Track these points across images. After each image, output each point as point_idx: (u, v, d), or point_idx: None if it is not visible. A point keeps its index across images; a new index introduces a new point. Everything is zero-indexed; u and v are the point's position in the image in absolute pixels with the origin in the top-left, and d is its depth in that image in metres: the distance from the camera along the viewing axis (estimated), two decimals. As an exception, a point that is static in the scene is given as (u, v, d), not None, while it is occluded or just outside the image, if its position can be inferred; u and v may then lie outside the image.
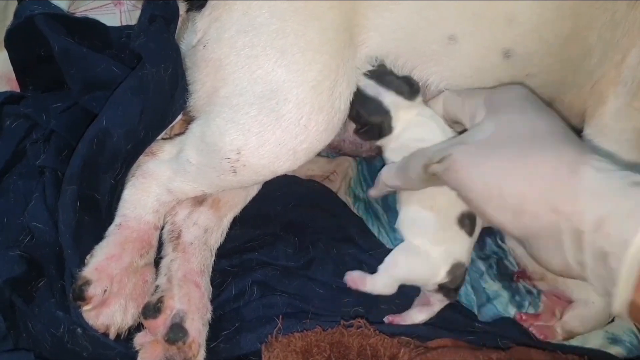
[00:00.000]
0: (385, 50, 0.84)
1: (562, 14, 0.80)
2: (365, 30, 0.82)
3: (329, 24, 0.79)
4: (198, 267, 0.83)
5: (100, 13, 0.98)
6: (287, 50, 0.77)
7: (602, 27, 0.82)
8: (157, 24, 0.85)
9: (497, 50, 0.82)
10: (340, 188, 1.10)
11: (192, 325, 0.76)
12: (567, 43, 0.82)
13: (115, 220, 0.81)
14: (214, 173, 0.81)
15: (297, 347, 0.74)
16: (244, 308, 0.83)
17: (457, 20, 0.81)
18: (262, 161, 0.79)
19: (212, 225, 0.88)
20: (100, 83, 0.85)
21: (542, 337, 0.85)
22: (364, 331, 0.77)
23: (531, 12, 0.80)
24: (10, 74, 0.94)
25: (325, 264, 0.90)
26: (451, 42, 0.82)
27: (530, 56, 0.83)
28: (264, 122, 0.77)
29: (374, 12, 0.81)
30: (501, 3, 0.80)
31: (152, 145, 0.85)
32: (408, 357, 0.74)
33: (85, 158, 0.78)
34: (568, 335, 0.86)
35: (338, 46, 0.80)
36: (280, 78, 0.77)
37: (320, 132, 0.79)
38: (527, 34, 0.81)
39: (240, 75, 0.78)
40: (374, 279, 0.82)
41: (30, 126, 0.87)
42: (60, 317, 0.73)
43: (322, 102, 0.78)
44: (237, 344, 0.79)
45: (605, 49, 0.83)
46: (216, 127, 0.79)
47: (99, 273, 0.74)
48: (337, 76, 0.80)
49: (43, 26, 0.85)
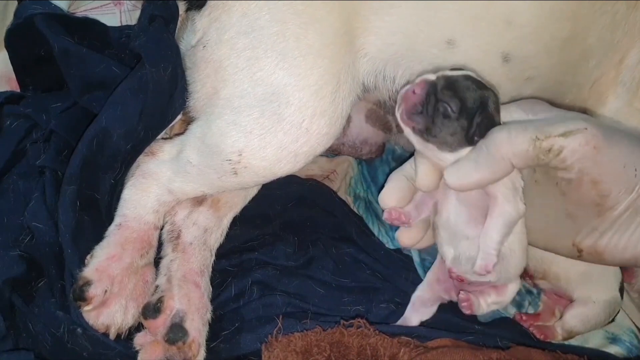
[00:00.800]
0: (385, 55, 0.84)
1: (561, 16, 0.80)
2: (366, 34, 0.82)
3: (329, 27, 0.79)
4: (198, 267, 0.83)
5: (100, 13, 0.98)
6: (288, 54, 0.77)
7: (603, 29, 0.81)
8: (157, 24, 0.85)
9: (496, 53, 0.82)
10: (340, 188, 1.10)
11: (191, 325, 0.76)
12: (566, 45, 0.82)
13: (115, 220, 0.81)
14: (214, 174, 0.81)
15: (297, 347, 0.74)
16: (244, 308, 0.83)
17: (456, 23, 0.81)
18: (263, 163, 0.79)
19: (211, 225, 0.88)
20: (100, 83, 0.85)
21: (542, 337, 0.85)
22: (364, 331, 0.77)
23: (530, 14, 0.80)
24: (10, 74, 0.94)
25: (325, 263, 0.90)
26: (450, 46, 0.82)
27: (530, 59, 0.82)
28: (266, 125, 0.77)
29: (375, 15, 0.81)
30: (500, 5, 0.79)
31: (151, 145, 0.85)
32: (408, 357, 0.74)
33: (85, 158, 0.78)
34: (568, 335, 0.86)
35: (338, 50, 0.80)
36: (282, 81, 0.77)
37: (322, 136, 0.80)
38: (526, 37, 0.81)
39: (241, 76, 0.79)
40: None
41: (30, 126, 0.87)
42: (60, 317, 0.73)
43: (324, 107, 0.79)
44: (237, 344, 0.79)
45: (605, 50, 0.83)
46: (217, 129, 0.79)
47: (100, 273, 0.74)
48: (339, 82, 0.80)
49: (43, 26, 0.85)
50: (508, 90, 0.86)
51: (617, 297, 0.87)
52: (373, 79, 0.86)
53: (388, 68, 0.85)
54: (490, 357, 0.74)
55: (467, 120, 0.70)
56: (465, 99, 0.70)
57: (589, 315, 0.85)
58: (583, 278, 0.85)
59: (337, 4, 0.80)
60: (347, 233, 0.96)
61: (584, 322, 0.85)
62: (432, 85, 0.71)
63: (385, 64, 0.84)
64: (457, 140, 0.70)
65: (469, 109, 0.70)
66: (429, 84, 0.72)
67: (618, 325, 0.91)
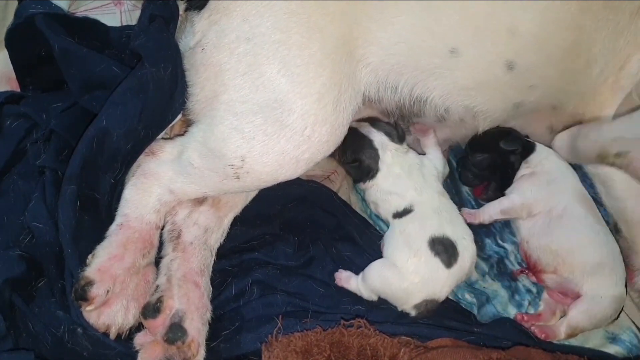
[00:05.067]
0: (387, 65, 0.84)
1: (564, 25, 0.80)
2: (367, 44, 0.82)
3: (330, 36, 0.79)
4: (198, 266, 0.83)
5: (100, 13, 0.98)
6: (290, 62, 0.78)
7: (606, 38, 0.82)
8: (157, 23, 0.85)
9: (500, 62, 0.82)
10: (341, 187, 1.10)
11: (191, 325, 0.76)
12: (569, 54, 0.82)
13: (117, 220, 0.81)
14: (216, 177, 0.81)
15: (297, 347, 0.74)
16: (244, 308, 0.83)
17: (459, 33, 0.81)
18: (266, 169, 0.80)
19: (212, 225, 0.88)
20: (100, 83, 0.85)
21: (544, 337, 0.85)
22: (364, 331, 0.77)
23: (533, 23, 0.80)
24: (10, 73, 0.94)
25: (325, 262, 0.90)
26: (453, 55, 0.82)
27: (533, 67, 0.83)
28: (268, 132, 0.78)
29: (377, 24, 0.81)
30: (503, 15, 0.80)
31: (152, 145, 0.85)
32: (408, 357, 0.74)
33: (85, 158, 0.78)
34: (572, 332, 0.86)
35: (340, 60, 0.80)
36: (284, 88, 0.78)
37: (323, 143, 0.81)
38: (530, 46, 0.81)
39: (241, 82, 0.79)
40: (358, 282, 0.85)
41: (30, 126, 0.87)
42: (60, 317, 0.74)
43: (326, 115, 0.79)
44: (237, 343, 0.79)
45: (608, 58, 0.83)
46: (220, 134, 0.79)
47: (102, 273, 0.74)
48: (341, 91, 0.81)
49: (43, 26, 0.85)
50: (511, 97, 0.86)
51: (624, 293, 0.87)
52: (376, 89, 0.86)
53: (390, 78, 0.85)
54: (490, 357, 0.74)
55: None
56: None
57: (596, 310, 0.85)
58: (596, 270, 0.86)
59: (338, 14, 0.80)
60: (348, 233, 0.96)
61: (590, 318, 0.85)
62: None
63: (388, 73, 0.85)
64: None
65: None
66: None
67: (618, 325, 0.91)
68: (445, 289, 0.81)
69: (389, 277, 0.82)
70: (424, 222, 0.84)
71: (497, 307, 0.92)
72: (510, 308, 0.92)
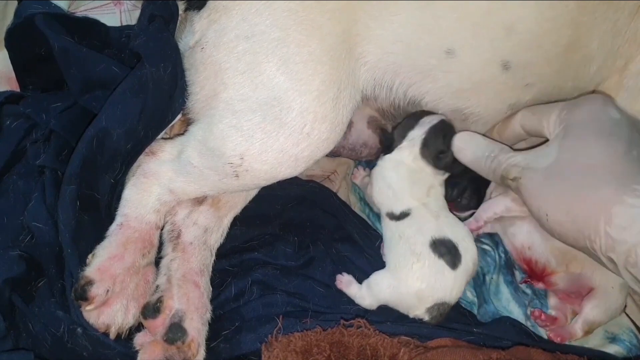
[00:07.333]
0: (384, 64, 0.84)
1: (561, 23, 0.80)
2: (365, 42, 0.82)
3: (329, 34, 0.79)
4: (197, 266, 0.83)
5: (100, 13, 0.98)
6: (289, 59, 0.78)
7: (604, 35, 0.82)
8: (157, 23, 0.85)
9: (496, 61, 0.82)
10: (341, 188, 1.10)
11: (191, 325, 0.76)
12: (566, 52, 0.82)
13: (117, 220, 0.81)
14: (216, 176, 0.81)
15: (297, 347, 0.74)
16: (244, 308, 0.83)
17: (456, 32, 0.81)
18: (265, 167, 0.80)
19: (212, 225, 0.88)
20: (100, 83, 0.85)
21: (559, 340, 0.85)
22: (364, 331, 0.77)
23: (530, 21, 0.79)
24: (10, 73, 0.94)
25: (325, 263, 0.90)
26: (449, 55, 0.82)
27: (530, 66, 0.82)
28: (267, 129, 0.78)
29: (376, 22, 0.81)
30: (500, 13, 0.79)
31: (152, 145, 0.85)
32: (408, 357, 0.74)
33: (85, 158, 0.78)
34: (590, 328, 0.86)
35: (339, 57, 0.80)
36: (283, 86, 0.78)
37: (322, 141, 0.80)
38: (526, 44, 0.81)
39: (241, 80, 0.79)
40: (360, 290, 0.84)
41: (30, 126, 0.87)
42: (60, 316, 0.73)
43: (325, 112, 0.79)
44: (237, 343, 0.79)
45: (606, 56, 0.83)
46: (219, 132, 0.79)
47: (102, 273, 0.74)
48: (340, 88, 0.80)
49: (43, 26, 0.85)
50: (507, 97, 0.86)
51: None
52: (372, 87, 0.86)
53: (386, 77, 0.85)
54: (490, 357, 0.74)
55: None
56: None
57: (610, 301, 0.85)
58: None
59: (337, 12, 0.80)
60: (348, 233, 0.96)
61: (605, 311, 0.85)
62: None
63: (384, 72, 0.85)
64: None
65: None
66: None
67: (618, 325, 0.91)
68: (454, 291, 0.80)
69: (396, 285, 0.81)
70: (422, 226, 0.82)
71: (498, 307, 0.92)
72: (512, 305, 0.92)
